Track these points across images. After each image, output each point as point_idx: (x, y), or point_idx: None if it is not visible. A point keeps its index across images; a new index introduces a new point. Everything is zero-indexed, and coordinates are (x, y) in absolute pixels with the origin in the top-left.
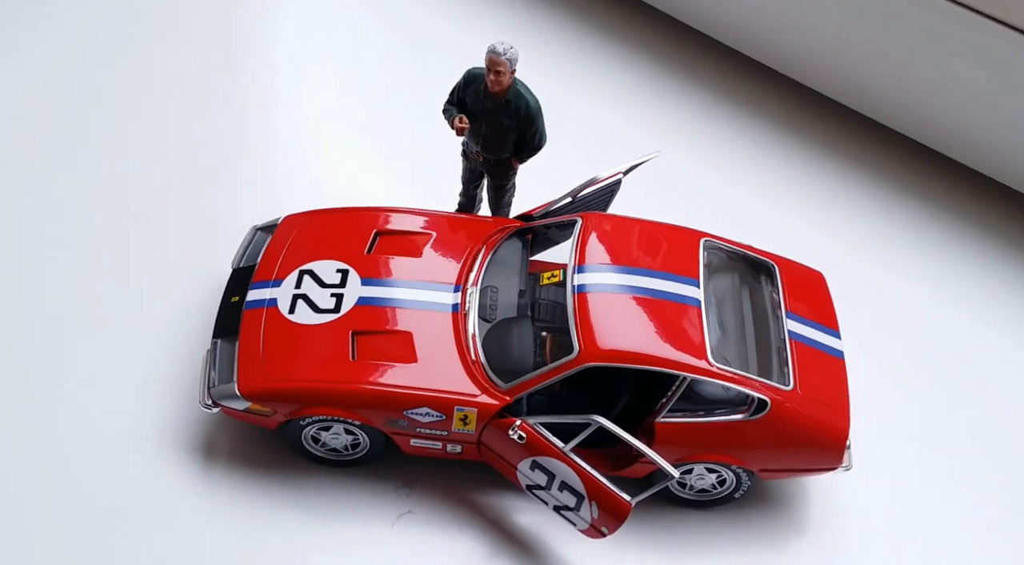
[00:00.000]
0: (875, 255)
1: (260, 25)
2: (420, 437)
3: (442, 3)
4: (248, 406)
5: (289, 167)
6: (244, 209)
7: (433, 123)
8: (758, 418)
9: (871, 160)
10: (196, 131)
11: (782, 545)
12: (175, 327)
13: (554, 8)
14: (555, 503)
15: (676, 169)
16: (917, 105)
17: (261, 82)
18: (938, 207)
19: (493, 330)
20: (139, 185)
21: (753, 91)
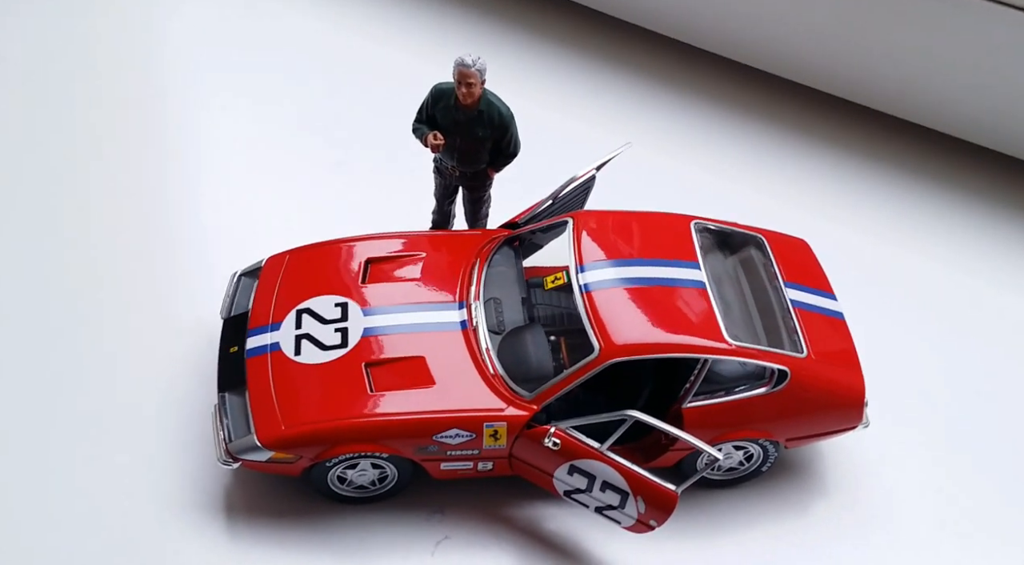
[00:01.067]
0: (839, 218)
1: (181, 70)
2: (451, 460)
3: (364, 26)
4: (271, 456)
5: (252, 211)
6: (215, 258)
7: (386, 145)
8: (780, 388)
9: (818, 128)
10: (148, 185)
11: (806, 510)
12: (171, 389)
13: (478, 15)
14: (597, 505)
15: (636, 161)
16: (855, 68)
17: (206, 128)
18: (894, 167)
19: (506, 341)
20: (102, 248)
21: (694, 75)
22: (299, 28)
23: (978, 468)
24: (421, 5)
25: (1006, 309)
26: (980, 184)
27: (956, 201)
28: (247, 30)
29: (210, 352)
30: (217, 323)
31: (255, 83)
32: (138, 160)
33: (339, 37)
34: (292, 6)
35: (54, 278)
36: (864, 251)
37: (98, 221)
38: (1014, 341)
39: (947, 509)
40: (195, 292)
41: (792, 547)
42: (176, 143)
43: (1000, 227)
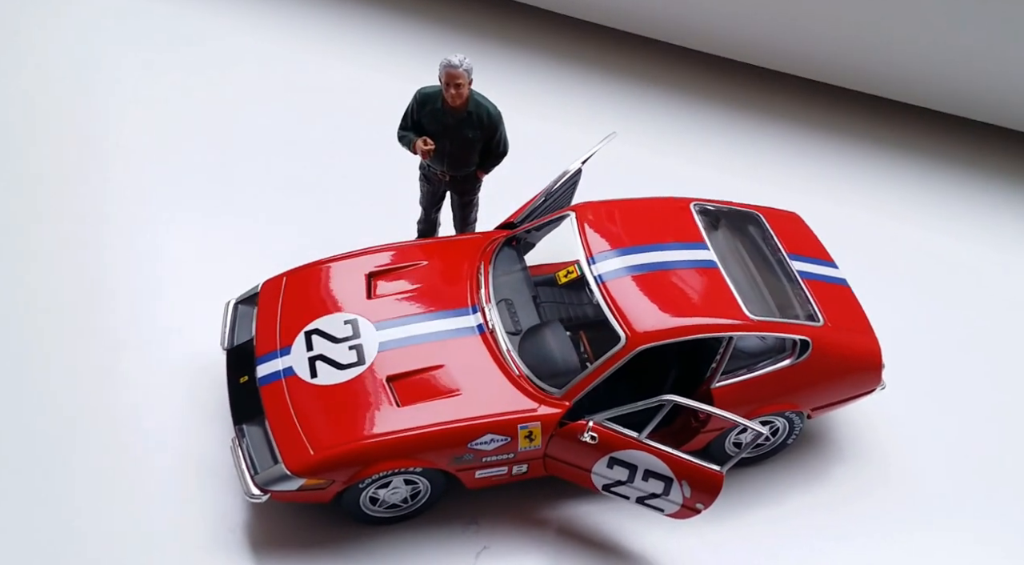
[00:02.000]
0: (819, 192)
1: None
2: (486, 467)
3: (319, 46)
4: (303, 483)
5: (230, 240)
6: (196, 291)
7: (356, 161)
8: (804, 359)
9: (784, 110)
10: (119, 225)
11: (827, 476)
12: (179, 429)
13: (426, 24)
14: (638, 495)
15: (614, 157)
16: (819, 48)
17: (163, 160)
18: (853, 137)
19: (526, 340)
20: (72, 294)
21: (661, 69)
22: (247, 49)
23: (986, 421)
24: (367, 20)
25: (1005, 270)
26: (958, 152)
27: (932, 169)
28: (193, 56)
29: (214, 386)
30: (214, 355)
31: (211, 109)
32: (102, 198)
33: (291, 57)
34: (237, 28)
35: (31, 334)
36: (851, 223)
37: (65, 265)
38: (1002, 296)
39: (961, 463)
40: (182, 327)
41: (825, 515)
42: (136, 175)
43: (979, 191)
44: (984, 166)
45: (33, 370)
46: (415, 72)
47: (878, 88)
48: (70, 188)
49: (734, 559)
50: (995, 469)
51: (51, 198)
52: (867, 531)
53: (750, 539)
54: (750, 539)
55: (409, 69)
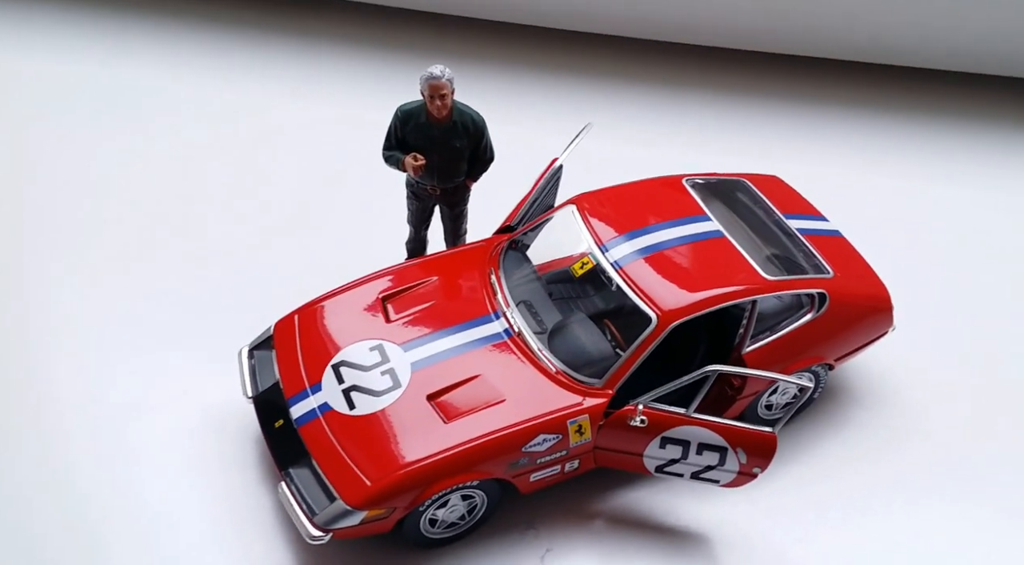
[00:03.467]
0: (781, 156)
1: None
2: (540, 468)
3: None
4: (364, 516)
5: (217, 294)
6: (195, 347)
7: (324, 196)
8: (824, 311)
9: (733, 82)
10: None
11: (848, 421)
12: (212, 490)
13: (362, 50)
14: (693, 470)
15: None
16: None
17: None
18: (811, 101)
19: (554, 337)
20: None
21: (601, 59)
22: (185, 101)
23: (990, 342)
24: (303, 55)
25: (973, 203)
26: (914, 101)
27: (891, 121)
28: (132, 117)
29: (237, 438)
30: (229, 407)
31: (166, 169)
32: (74, 282)
33: (234, 104)
34: (173, 80)
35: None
36: (824, 181)
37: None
38: (974, 229)
39: (969, 400)
40: (187, 388)
41: (863, 464)
42: (107, 248)
43: (941, 135)
44: (938, 111)
45: (45, 459)
46: (365, 99)
47: (824, 50)
48: (43, 279)
49: (790, 519)
50: (999, 414)
51: (33, 284)
52: (907, 477)
53: (804, 497)
54: (804, 497)
55: (358, 96)
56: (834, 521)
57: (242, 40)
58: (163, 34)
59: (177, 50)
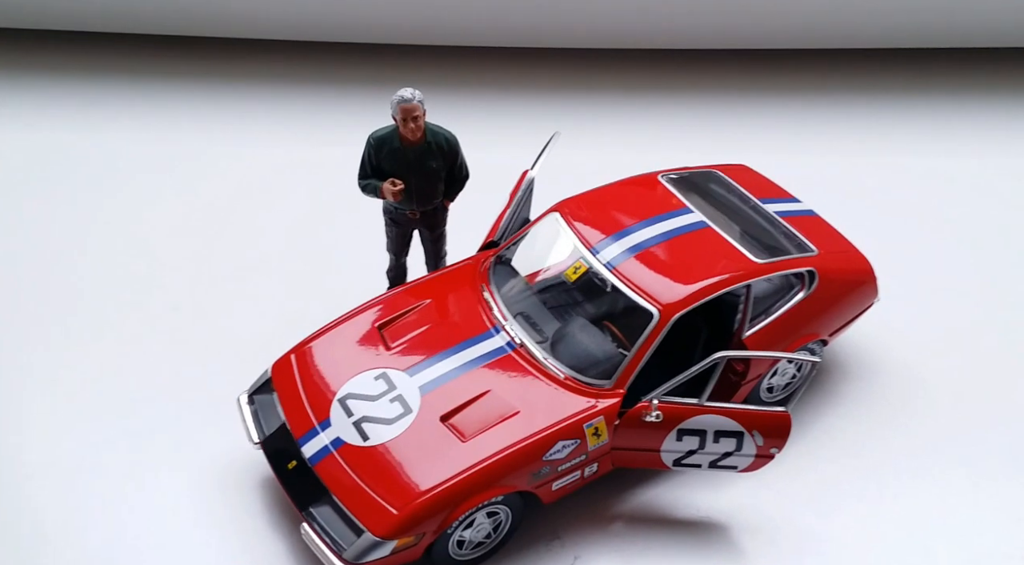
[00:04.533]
0: (738, 147)
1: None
2: (561, 476)
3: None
4: (395, 545)
5: (206, 339)
6: (189, 396)
7: (292, 236)
8: (814, 289)
9: (681, 81)
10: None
11: (846, 395)
12: (235, 538)
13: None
14: (711, 459)
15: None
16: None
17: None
18: (756, 91)
19: (557, 345)
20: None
21: (549, 72)
22: (136, 157)
23: (970, 321)
24: (247, 100)
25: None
26: (851, 79)
27: (836, 100)
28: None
29: (246, 485)
30: (232, 454)
31: (126, 226)
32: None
33: (189, 154)
34: (116, 139)
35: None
36: (783, 165)
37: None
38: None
39: (957, 360)
40: (184, 438)
41: (869, 434)
42: (82, 312)
43: (881, 109)
44: (886, 87)
45: (43, 537)
46: (324, 136)
47: (763, 42)
48: (20, 349)
49: (808, 497)
50: (994, 347)
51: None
52: (913, 442)
53: (819, 478)
54: (819, 478)
55: (315, 135)
56: (852, 493)
57: (190, 91)
58: (117, 95)
59: (135, 109)
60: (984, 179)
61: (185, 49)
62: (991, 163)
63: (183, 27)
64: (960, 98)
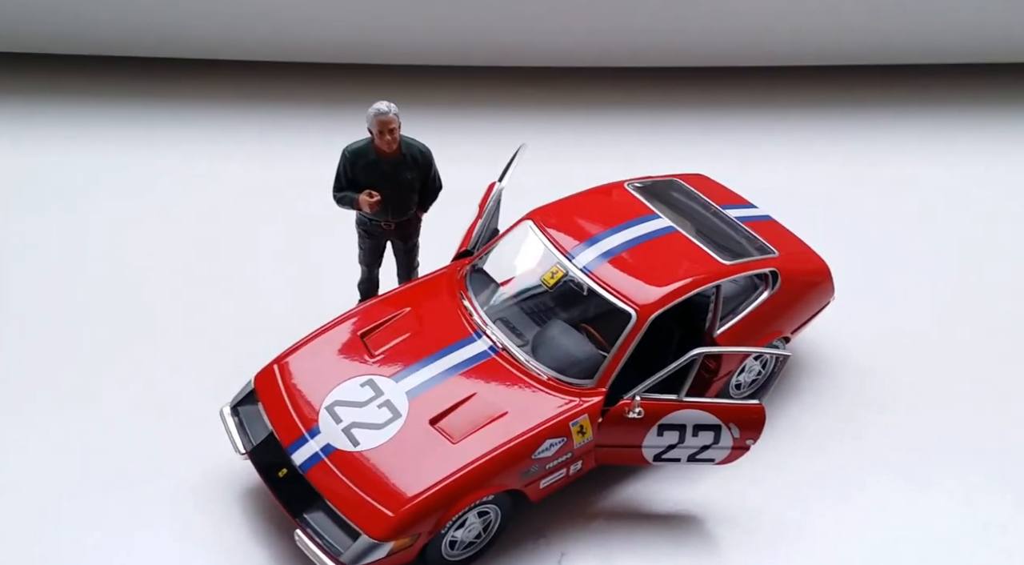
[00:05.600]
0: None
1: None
2: (548, 474)
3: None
4: (392, 547)
5: (176, 360)
6: (164, 414)
7: (260, 256)
8: (777, 288)
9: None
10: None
11: (807, 389)
12: (219, 552)
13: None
14: (690, 452)
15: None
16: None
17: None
18: (698, 107)
19: (537, 347)
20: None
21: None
22: (93, 177)
23: (918, 316)
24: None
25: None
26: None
27: (777, 115)
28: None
29: (227, 498)
30: (216, 468)
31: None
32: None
33: (143, 175)
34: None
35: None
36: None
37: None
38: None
39: (909, 351)
40: (161, 456)
41: (832, 426)
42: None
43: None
44: (823, 102)
45: None
46: (287, 154)
47: (716, 60)
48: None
49: (780, 487)
50: (950, 342)
51: None
52: (870, 431)
53: (784, 467)
54: (784, 467)
55: (279, 152)
56: (819, 484)
57: (162, 111)
58: (90, 116)
59: (108, 130)
60: (931, 185)
61: (157, 70)
62: (938, 171)
63: (156, 48)
64: (910, 111)
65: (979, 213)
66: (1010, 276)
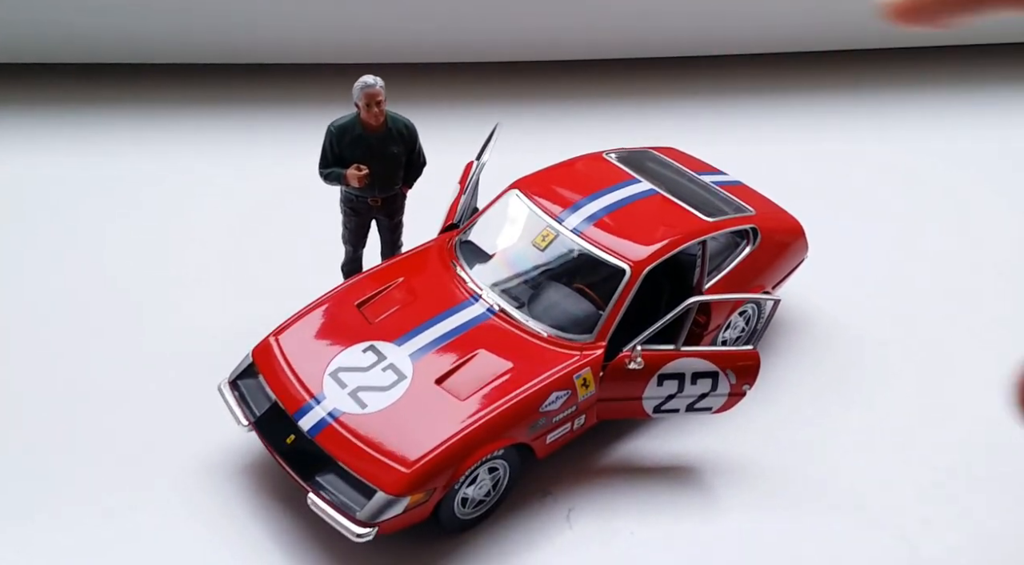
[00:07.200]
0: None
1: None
2: (555, 428)
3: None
4: (408, 502)
5: (161, 348)
6: (152, 399)
7: (246, 243)
8: (758, 244)
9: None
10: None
11: (789, 346)
12: (222, 527)
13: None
14: (688, 402)
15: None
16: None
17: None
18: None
19: (534, 308)
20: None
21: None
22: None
23: (884, 273)
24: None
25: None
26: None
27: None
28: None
29: (240, 468)
30: (223, 442)
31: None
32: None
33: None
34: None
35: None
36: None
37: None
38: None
39: (876, 306)
40: (152, 439)
41: (817, 374)
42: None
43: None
44: (786, 85)
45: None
46: (259, 149)
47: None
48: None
49: (777, 434)
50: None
51: None
52: (848, 375)
53: (776, 414)
54: (776, 414)
55: (252, 149)
56: (806, 431)
57: (116, 111)
58: (43, 121)
59: (63, 133)
60: (888, 160)
61: (109, 74)
62: (893, 147)
63: (110, 54)
64: (867, 94)
65: (920, 184)
66: (950, 242)
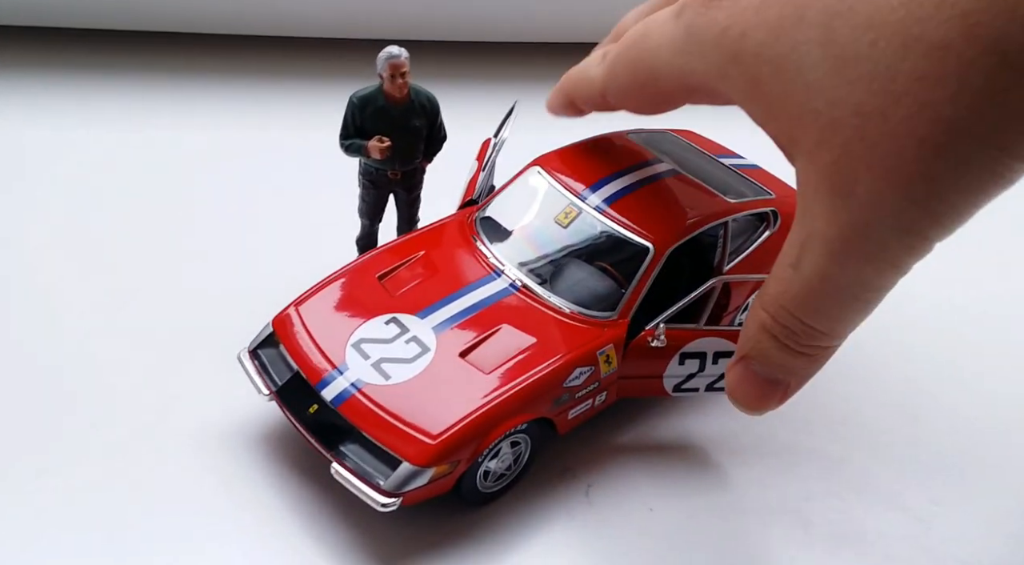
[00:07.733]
0: None
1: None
2: (577, 403)
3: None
4: (432, 474)
5: (179, 323)
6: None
7: (262, 217)
8: (778, 226)
9: None
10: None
11: None
12: (240, 499)
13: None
14: (709, 381)
15: None
16: None
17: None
18: None
19: (556, 285)
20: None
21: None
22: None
23: None
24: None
25: None
26: None
27: None
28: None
29: (261, 437)
30: (240, 409)
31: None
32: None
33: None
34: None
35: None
36: None
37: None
38: None
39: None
40: (167, 404)
41: (836, 364)
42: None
43: None
44: None
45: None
46: (278, 121)
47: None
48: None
49: (787, 413)
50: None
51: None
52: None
53: (795, 396)
54: (795, 396)
55: (270, 119)
56: (831, 402)
57: (124, 80)
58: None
59: (58, 100)
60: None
61: (101, 41)
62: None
63: (97, 20)
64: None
65: None
66: None
